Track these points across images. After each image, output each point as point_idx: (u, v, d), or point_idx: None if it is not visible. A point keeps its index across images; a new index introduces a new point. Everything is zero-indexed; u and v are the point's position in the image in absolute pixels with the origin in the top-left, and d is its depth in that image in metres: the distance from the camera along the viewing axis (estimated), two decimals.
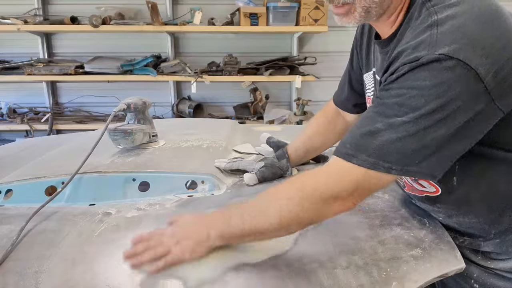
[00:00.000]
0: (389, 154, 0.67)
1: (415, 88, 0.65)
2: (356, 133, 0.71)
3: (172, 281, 0.70)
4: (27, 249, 0.79)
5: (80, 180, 1.03)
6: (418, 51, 0.66)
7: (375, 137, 0.68)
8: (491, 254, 0.82)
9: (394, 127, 0.66)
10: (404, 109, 0.66)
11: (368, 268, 0.74)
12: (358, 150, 0.69)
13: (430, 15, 0.69)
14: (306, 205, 0.72)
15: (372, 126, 0.69)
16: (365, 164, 0.68)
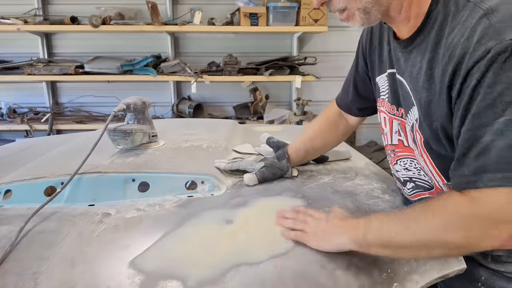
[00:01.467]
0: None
1: (500, 83, 0.61)
2: (466, 160, 0.65)
3: (172, 281, 0.70)
4: (26, 250, 0.79)
5: (79, 181, 1.03)
6: (483, 43, 0.63)
7: (489, 150, 0.62)
8: (502, 257, 0.80)
9: (501, 132, 0.61)
10: (499, 108, 0.61)
11: (368, 269, 0.73)
12: (478, 173, 0.63)
13: (477, 5, 0.66)
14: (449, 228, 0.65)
15: (478, 145, 0.63)
16: (494, 183, 0.61)
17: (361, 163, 1.33)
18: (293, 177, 1.15)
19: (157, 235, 0.84)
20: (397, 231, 0.70)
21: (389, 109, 0.95)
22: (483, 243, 0.64)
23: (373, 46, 0.98)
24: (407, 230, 0.69)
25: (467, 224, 0.64)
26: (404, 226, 0.70)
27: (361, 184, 1.11)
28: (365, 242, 0.73)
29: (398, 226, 0.71)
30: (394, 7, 0.77)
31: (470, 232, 0.63)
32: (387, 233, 0.71)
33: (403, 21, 0.79)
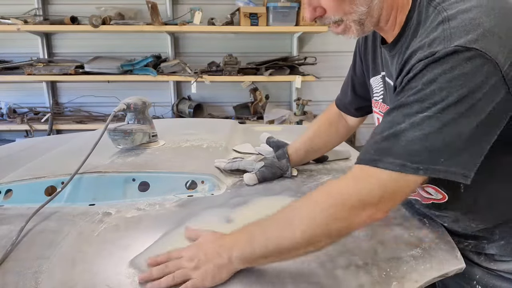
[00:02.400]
0: (416, 154, 0.63)
1: (435, 82, 0.62)
2: (378, 137, 0.68)
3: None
4: (26, 249, 0.79)
5: (80, 180, 1.03)
6: (433, 47, 0.64)
7: (399, 137, 0.65)
8: (495, 256, 0.81)
9: (418, 124, 0.63)
10: (425, 104, 0.63)
11: (368, 268, 0.74)
12: (382, 154, 0.66)
13: (440, 12, 0.68)
14: (332, 212, 0.66)
15: (394, 128, 0.66)
16: (392, 166, 0.64)
17: None
18: (293, 177, 1.16)
19: (158, 234, 0.84)
20: (282, 235, 0.68)
21: (383, 110, 0.96)
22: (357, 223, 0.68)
23: (367, 47, 0.99)
24: (293, 230, 0.68)
25: (347, 207, 0.66)
26: (288, 227, 0.68)
27: None
28: (253, 256, 0.70)
29: (283, 230, 0.69)
30: (383, 17, 0.78)
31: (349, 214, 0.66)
32: (274, 240, 0.68)
33: (390, 29, 0.81)
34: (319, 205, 0.68)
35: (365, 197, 0.66)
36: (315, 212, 0.68)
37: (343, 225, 0.68)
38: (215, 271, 0.69)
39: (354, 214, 0.67)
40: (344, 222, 0.67)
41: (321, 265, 0.74)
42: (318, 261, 0.75)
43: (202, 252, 0.72)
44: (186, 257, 0.73)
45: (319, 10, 0.77)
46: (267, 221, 0.72)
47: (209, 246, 0.73)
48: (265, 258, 0.70)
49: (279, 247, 0.68)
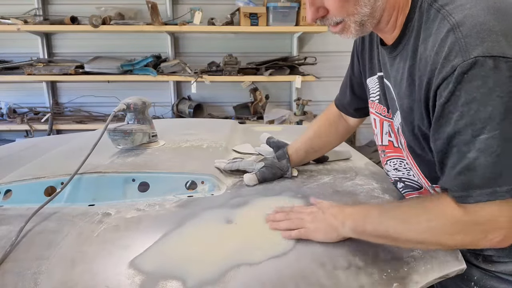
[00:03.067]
0: (499, 177, 0.63)
1: (475, 101, 0.62)
2: (452, 175, 0.68)
3: (172, 281, 0.70)
4: (26, 250, 0.79)
5: (79, 180, 1.03)
6: (450, 60, 0.64)
7: (474, 168, 0.64)
8: (493, 257, 0.81)
9: (484, 149, 0.63)
10: (478, 126, 0.62)
11: (368, 269, 0.73)
12: (467, 189, 0.65)
13: (445, 17, 0.67)
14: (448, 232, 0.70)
15: (463, 160, 0.65)
16: (483, 198, 0.64)
17: (361, 163, 1.33)
18: (293, 177, 1.15)
19: (157, 235, 0.84)
20: (396, 227, 0.73)
21: (380, 110, 0.96)
22: (476, 246, 0.71)
23: (364, 47, 0.99)
24: (406, 227, 0.72)
25: (464, 230, 0.68)
26: (403, 223, 0.73)
27: (361, 184, 1.11)
28: (364, 232, 0.76)
29: (397, 223, 0.74)
30: (384, 18, 0.78)
31: (466, 237, 0.69)
32: (386, 228, 0.74)
33: (390, 30, 0.81)
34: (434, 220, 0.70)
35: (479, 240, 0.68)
36: (431, 224, 0.70)
37: (457, 244, 0.73)
38: (327, 229, 0.79)
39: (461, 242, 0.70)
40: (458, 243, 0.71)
41: (321, 266, 0.73)
42: (319, 262, 0.74)
43: (321, 211, 0.84)
44: (307, 211, 0.86)
45: (322, 10, 0.76)
46: (387, 209, 0.79)
47: (329, 209, 0.84)
48: (373, 237, 0.76)
49: (388, 234, 0.74)
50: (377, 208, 0.81)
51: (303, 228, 0.81)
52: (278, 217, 0.86)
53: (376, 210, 0.79)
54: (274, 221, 0.86)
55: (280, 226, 0.84)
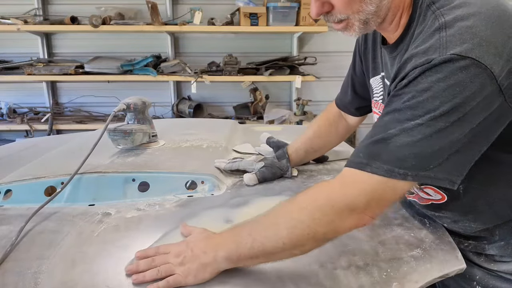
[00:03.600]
0: (404, 160, 0.63)
1: (429, 90, 0.62)
2: (368, 141, 0.68)
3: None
4: (26, 250, 0.79)
5: (79, 180, 1.03)
6: (428, 54, 0.64)
7: (388, 143, 0.65)
8: (495, 256, 0.81)
9: (408, 131, 0.63)
10: (418, 112, 0.63)
11: (368, 269, 0.73)
12: (371, 158, 0.66)
13: (437, 18, 0.67)
14: (318, 216, 0.67)
15: (385, 133, 0.66)
16: (379, 171, 0.64)
17: None
18: (293, 177, 1.15)
19: (157, 234, 0.84)
20: (267, 235, 0.68)
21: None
22: (343, 228, 0.68)
23: (367, 47, 0.98)
24: (278, 232, 0.68)
25: (333, 211, 0.67)
26: (274, 229, 0.69)
27: None
28: (240, 258, 0.70)
29: (268, 231, 0.69)
30: (388, 17, 0.78)
31: (335, 219, 0.67)
32: (259, 241, 0.68)
33: (393, 30, 0.80)
34: (305, 209, 0.68)
35: (352, 203, 0.66)
36: (301, 215, 0.68)
37: (329, 229, 0.68)
38: (199, 269, 0.70)
39: (340, 219, 0.67)
40: (330, 226, 0.68)
41: (321, 266, 0.74)
42: (319, 262, 0.74)
43: (189, 249, 0.73)
44: (173, 252, 0.74)
45: (327, 6, 0.75)
46: (255, 222, 0.72)
47: (196, 244, 0.74)
48: (251, 259, 0.70)
49: (264, 249, 0.68)
50: (249, 224, 0.73)
51: (172, 276, 0.70)
52: (142, 267, 0.72)
53: (247, 227, 0.72)
54: (138, 272, 0.72)
55: (146, 277, 0.71)
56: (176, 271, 0.71)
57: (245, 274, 0.71)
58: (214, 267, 0.71)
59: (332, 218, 0.67)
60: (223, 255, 0.70)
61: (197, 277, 0.70)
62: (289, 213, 0.70)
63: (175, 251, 0.74)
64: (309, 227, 0.67)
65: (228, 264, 0.71)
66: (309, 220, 0.67)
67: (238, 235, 0.72)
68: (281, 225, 0.68)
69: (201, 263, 0.71)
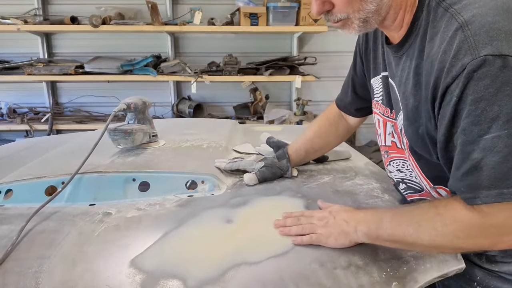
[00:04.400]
0: (506, 178, 0.62)
1: (482, 100, 0.62)
2: (458, 176, 0.67)
3: (172, 280, 0.70)
4: (27, 249, 0.79)
5: (80, 180, 1.03)
6: (459, 59, 0.63)
7: (481, 168, 0.63)
8: (496, 257, 0.81)
9: (491, 149, 0.62)
10: (485, 125, 0.62)
11: (368, 268, 0.74)
12: (474, 190, 0.64)
13: (453, 16, 0.67)
14: (461, 237, 0.68)
15: (469, 161, 0.64)
16: (490, 199, 0.63)
17: (361, 163, 1.33)
18: (293, 177, 1.16)
19: (158, 234, 0.84)
20: (410, 232, 0.71)
21: (383, 111, 0.95)
22: (494, 249, 0.71)
23: (368, 47, 0.98)
24: (421, 232, 0.71)
25: (480, 233, 0.68)
26: (417, 228, 0.71)
27: (360, 184, 1.12)
28: (378, 238, 0.76)
29: (411, 228, 0.71)
30: (390, 16, 0.78)
31: (483, 240, 0.68)
32: (401, 233, 0.72)
33: (396, 28, 0.80)
34: (448, 226, 0.69)
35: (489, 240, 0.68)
36: (444, 229, 0.69)
37: (470, 248, 0.72)
38: (340, 235, 0.78)
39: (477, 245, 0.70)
40: (471, 246, 0.71)
41: (321, 265, 0.74)
42: (319, 261, 0.75)
43: (332, 216, 0.82)
44: (317, 216, 0.84)
45: (327, 4, 0.75)
46: (399, 213, 0.77)
47: (339, 213, 0.83)
48: (387, 242, 0.76)
49: (404, 240, 0.73)
50: (389, 212, 0.79)
51: (315, 234, 0.79)
52: (289, 223, 0.84)
53: (388, 214, 0.77)
54: (285, 227, 0.83)
55: (291, 231, 0.82)
56: (319, 231, 0.79)
57: (245, 273, 0.72)
58: (353, 237, 0.77)
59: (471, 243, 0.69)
60: (363, 230, 0.76)
61: (338, 240, 0.78)
62: (432, 221, 0.70)
63: (319, 216, 0.84)
64: (451, 242, 0.69)
65: (366, 239, 0.77)
66: (452, 236, 0.69)
67: (381, 218, 0.76)
68: (424, 230, 0.70)
69: (343, 230, 0.78)
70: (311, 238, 0.79)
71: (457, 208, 0.68)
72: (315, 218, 0.84)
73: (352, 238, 0.77)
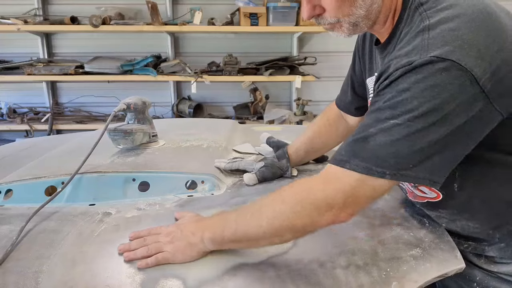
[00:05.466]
0: (382, 158, 0.65)
1: (408, 91, 0.63)
2: (351, 139, 0.70)
3: (172, 281, 0.70)
4: (27, 249, 0.79)
5: (80, 180, 1.03)
6: (410, 56, 0.65)
7: (368, 141, 0.66)
8: (495, 258, 0.81)
9: (387, 130, 0.65)
10: (397, 112, 0.64)
11: (368, 268, 0.74)
12: (351, 156, 0.67)
13: (423, 20, 0.68)
14: (298, 209, 0.69)
15: (365, 132, 0.67)
16: (357, 169, 0.66)
17: None
18: (293, 177, 1.16)
19: None
20: (250, 223, 0.72)
21: None
22: (320, 223, 0.70)
23: (365, 48, 0.99)
24: (260, 219, 0.71)
25: (312, 206, 0.69)
26: (257, 218, 0.72)
27: None
28: (223, 240, 0.74)
29: (252, 218, 0.73)
30: (380, 20, 0.78)
31: (314, 213, 0.69)
32: (242, 227, 0.73)
33: (385, 31, 0.81)
34: (286, 202, 0.71)
35: (330, 199, 0.68)
36: (282, 207, 0.70)
37: (307, 223, 0.70)
38: (187, 247, 0.75)
39: (319, 214, 0.69)
40: (308, 220, 0.70)
41: (321, 265, 0.74)
42: (318, 261, 0.75)
43: (179, 230, 0.79)
44: (164, 233, 0.80)
45: (318, 9, 0.76)
46: (242, 209, 0.77)
47: (186, 226, 0.80)
48: (234, 243, 0.75)
49: (246, 235, 0.72)
50: (237, 211, 0.77)
51: (161, 253, 0.75)
52: (133, 246, 0.77)
53: (235, 213, 0.76)
54: (129, 251, 0.77)
55: (137, 255, 0.75)
56: (165, 248, 0.75)
57: (244, 273, 0.72)
58: (201, 247, 0.75)
59: (310, 212, 0.69)
60: (208, 236, 0.74)
61: (185, 254, 0.75)
62: (272, 204, 0.72)
63: (166, 231, 0.79)
64: (288, 218, 0.69)
65: (213, 245, 0.75)
66: (289, 212, 0.70)
67: (225, 219, 0.76)
68: (263, 215, 0.71)
69: (189, 242, 0.75)
70: (157, 258, 0.74)
71: (298, 182, 0.72)
72: (163, 234, 0.79)
73: (199, 249, 0.75)
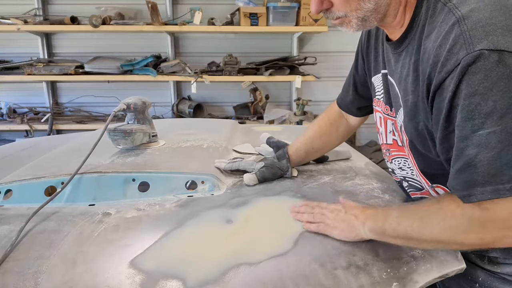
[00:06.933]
0: (500, 174, 0.61)
1: (476, 94, 0.61)
2: (453, 174, 0.67)
3: (172, 280, 0.70)
4: (26, 250, 0.79)
5: (79, 180, 1.03)
6: (454, 53, 0.63)
7: (475, 165, 0.62)
8: (498, 258, 0.81)
9: (483, 145, 0.61)
10: (478, 120, 0.61)
11: (368, 269, 0.74)
12: (469, 187, 0.64)
13: (451, 11, 0.67)
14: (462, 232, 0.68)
15: (463, 157, 0.64)
16: (485, 196, 0.62)
17: (361, 163, 1.33)
18: (293, 177, 1.15)
19: (157, 234, 0.84)
20: (414, 227, 0.72)
21: (383, 109, 0.96)
22: (495, 245, 0.68)
23: (370, 46, 0.99)
24: (423, 227, 0.71)
25: (481, 228, 0.67)
26: (420, 224, 0.72)
27: (361, 184, 1.11)
28: (383, 233, 0.77)
29: (415, 224, 0.72)
30: (390, 13, 0.78)
31: (484, 236, 0.67)
32: (404, 229, 0.73)
33: (397, 26, 0.80)
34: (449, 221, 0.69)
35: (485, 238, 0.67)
36: (446, 226, 0.69)
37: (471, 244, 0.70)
38: (346, 228, 0.81)
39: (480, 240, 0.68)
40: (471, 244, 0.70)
41: (321, 265, 0.74)
42: (319, 261, 0.75)
43: (344, 211, 0.85)
44: (330, 208, 0.88)
45: (326, 3, 0.76)
46: (405, 210, 0.78)
47: (351, 209, 0.85)
48: (392, 238, 0.76)
49: (406, 235, 0.73)
50: (398, 209, 0.80)
51: (323, 223, 0.83)
52: (303, 210, 0.90)
53: (396, 211, 0.78)
54: (298, 213, 0.89)
55: (303, 217, 0.87)
56: (327, 221, 0.83)
57: (245, 273, 0.71)
58: (360, 232, 0.79)
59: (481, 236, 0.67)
60: (370, 225, 0.78)
61: (343, 233, 0.81)
62: (434, 216, 0.71)
63: (332, 208, 0.88)
64: (453, 236, 0.69)
65: (372, 234, 0.78)
66: (454, 231, 0.69)
67: (388, 215, 0.78)
68: (426, 224, 0.71)
69: (351, 224, 0.81)
70: (318, 226, 0.83)
71: (456, 203, 0.68)
72: (328, 210, 0.87)
73: (358, 233, 0.79)
